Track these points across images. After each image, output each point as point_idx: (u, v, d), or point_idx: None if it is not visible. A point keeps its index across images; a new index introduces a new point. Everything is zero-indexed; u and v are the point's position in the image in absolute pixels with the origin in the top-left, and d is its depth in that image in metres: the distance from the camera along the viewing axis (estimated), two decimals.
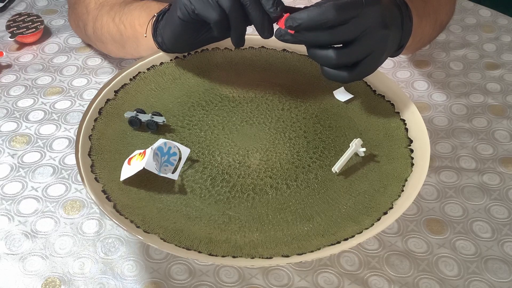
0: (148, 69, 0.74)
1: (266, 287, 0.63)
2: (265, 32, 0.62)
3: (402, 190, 0.60)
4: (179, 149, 0.62)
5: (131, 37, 0.80)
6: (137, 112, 0.67)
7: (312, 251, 0.54)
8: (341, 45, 0.62)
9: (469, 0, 1.13)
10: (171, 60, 0.75)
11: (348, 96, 0.72)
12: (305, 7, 0.60)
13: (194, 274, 0.64)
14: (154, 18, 0.74)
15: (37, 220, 0.70)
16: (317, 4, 0.60)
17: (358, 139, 0.64)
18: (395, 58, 0.95)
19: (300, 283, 0.63)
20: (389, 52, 0.65)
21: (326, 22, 0.59)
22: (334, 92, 0.72)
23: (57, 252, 0.67)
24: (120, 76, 0.71)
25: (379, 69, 0.66)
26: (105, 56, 0.97)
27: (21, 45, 1.00)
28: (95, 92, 0.75)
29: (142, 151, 0.60)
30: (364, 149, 0.64)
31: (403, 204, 0.58)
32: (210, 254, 0.54)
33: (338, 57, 0.62)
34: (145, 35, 0.76)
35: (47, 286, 0.63)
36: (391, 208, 0.58)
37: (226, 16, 0.62)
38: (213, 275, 0.64)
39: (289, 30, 0.60)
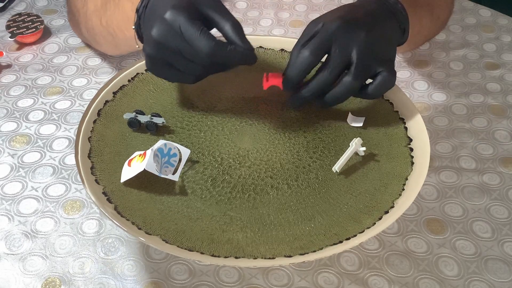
0: (146, 70, 0.73)
1: (266, 287, 0.63)
2: (252, 60, 0.62)
3: (403, 189, 0.60)
4: (179, 150, 0.62)
5: (123, 40, 0.79)
6: (136, 113, 0.67)
7: (314, 251, 0.54)
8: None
9: (469, 0, 1.12)
10: None
11: (361, 120, 0.69)
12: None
13: (194, 274, 0.64)
14: (135, 28, 0.70)
15: (37, 220, 0.70)
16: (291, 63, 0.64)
17: (358, 138, 0.64)
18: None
19: (300, 283, 0.63)
20: (389, 49, 0.68)
21: (310, 66, 0.63)
22: (347, 120, 0.69)
23: (57, 252, 0.67)
24: (119, 78, 0.71)
25: None
26: (105, 56, 0.97)
27: (21, 45, 1.00)
28: (95, 92, 0.75)
29: (142, 152, 0.60)
30: (364, 148, 0.64)
31: (405, 202, 0.58)
32: (212, 255, 0.54)
33: (355, 82, 0.64)
34: (137, 46, 0.72)
35: (47, 286, 0.63)
36: (392, 207, 0.58)
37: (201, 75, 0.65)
38: (213, 275, 0.64)
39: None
